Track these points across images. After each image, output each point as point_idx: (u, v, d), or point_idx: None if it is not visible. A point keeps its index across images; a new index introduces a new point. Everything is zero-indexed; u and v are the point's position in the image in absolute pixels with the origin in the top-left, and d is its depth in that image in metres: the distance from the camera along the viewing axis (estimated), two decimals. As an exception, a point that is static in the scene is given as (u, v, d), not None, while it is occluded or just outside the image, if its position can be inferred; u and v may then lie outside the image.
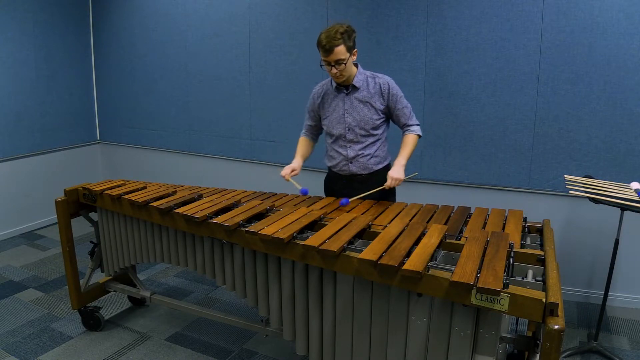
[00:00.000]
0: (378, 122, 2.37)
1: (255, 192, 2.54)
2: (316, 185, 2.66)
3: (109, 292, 2.88)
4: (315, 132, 2.61)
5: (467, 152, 3.18)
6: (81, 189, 2.61)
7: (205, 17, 3.97)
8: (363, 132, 2.37)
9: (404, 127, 2.41)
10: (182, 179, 4.23)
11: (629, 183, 2.41)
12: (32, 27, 4.12)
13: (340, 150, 2.43)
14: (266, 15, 3.69)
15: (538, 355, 1.36)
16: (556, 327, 1.24)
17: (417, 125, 2.41)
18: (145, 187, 2.58)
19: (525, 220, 2.02)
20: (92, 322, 2.73)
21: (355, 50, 2.28)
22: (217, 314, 2.48)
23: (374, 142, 2.40)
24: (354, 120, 2.36)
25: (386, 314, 1.60)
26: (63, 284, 3.28)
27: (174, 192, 2.48)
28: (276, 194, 2.51)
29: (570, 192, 2.30)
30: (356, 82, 2.34)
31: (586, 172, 2.84)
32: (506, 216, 2.03)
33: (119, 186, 2.59)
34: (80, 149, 4.77)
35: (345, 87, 2.36)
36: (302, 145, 2.59)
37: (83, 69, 4.67)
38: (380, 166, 2.45)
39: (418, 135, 2.39)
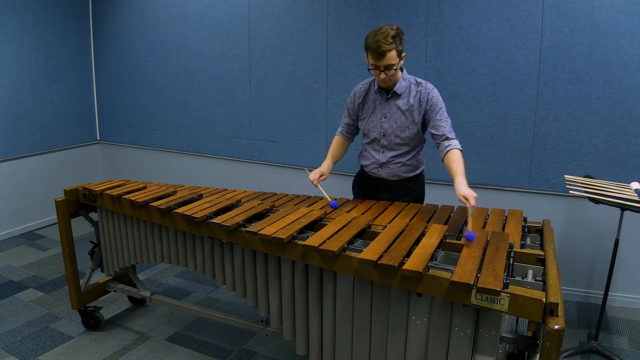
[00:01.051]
0: (414, 131, 2.27)
1: (255, 192, 2.54)
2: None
3: (109, 292, 2.88)
4: (352, 130, 2.48)
5: (467, 152, 3.16)
6: (81, 189, 2.61)
7: (205, 17, 3.97)
8: (398, 140, 2.29)
9: (443, 140, 2.17)
10: (182, 179, 4.23)
11: (629, 183, 2.41)
12: (32, 27, 4.12)
13: (373, 153, 2.36)
14: (266, 15, 3.69)
15: (538, 355, 1.36)
16: (556, 327, 1.24)
17: (457, 140, 2.18)
18: (145, 187, 2.58)
19: (525, 220, 2.02)
20: (92, 322, 2.73)
21: (404, 54, 2.17)
22: (217, 314, 2.48)
23: (408, 151, 2.32)
24: (390, 127, 2.28)
25: (386, 314, 1.60)
26: (63, 284, 3.28)
27: (174, 192, 2.48)
28: (276, 194, 2.51)
29: (570, 192, 2.30)
30: (398, 88, 2.23)
31: (586, 172, 2.84)
32: (506, 216, 2.04)
33: (119, 186, 2.59)
34: (80, 149, 4.77)
35: (387, 91, 2.26)
36: (336, 145, 2.47)
37: (83, 69, 4.67)
38: (411, 174, 2.37)
39: (461, 151, 2.16)
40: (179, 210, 2.14)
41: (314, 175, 2.31)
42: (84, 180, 3.99)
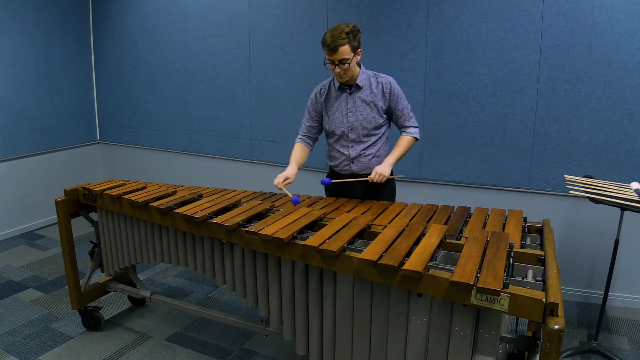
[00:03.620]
0: (380, 121, 2.37)
1: (255, 192, 2.54)
2: (314, 186, 2.65)
3: (109, 292, 2.88)
4: (313, 135, 2.54)
5: (467, 152, 3.18)
6: (81, 189, 2.61)
7: (205, 17, 3.97)
8: (365, 132, 2.37)
9: (401, 128, 2.42)
10: (182, 179, 4.23)
11: (629, 183, 2.41)
12: (32, 27, 4.12)
13: (342, 149, 2.43)
14: (266, 15, 3.69)
15: (538, 355, 1.36)
16: (556, 327, 1.24)
17: (415, 127, 2.42)
18: (145, 187, 2.58)
19: (525, 220, 2.02)
20: (92, 322, 2.74)
21: (360, 50, 2.28)
22: (217, 314, 2.48)
23: (375, 142, 2.40)
24: (357, 120, 2.36)
25: (386, 314, 1.60)
26: (63, 284, 3.28)
27: (174, 192, 2.48)
28: (276, 194, 2.51)
29: (570, 192, 2.30)
30: (359, 81, 2.34)
31: (586, 172, 2.84)
32: (506, 216, 2.03)
33: (119, 186, 2.59)
34: (80, 149, 4.77)
35: (349, 86, 2.36)
36: (297, 151, 2.51)
37: (83, 69, 4.67)
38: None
39: (414, 137, 2.40)
40: (179, 210, 2.14)
41: (278, 179, 2.32)
42: (84, 180, 3.99)
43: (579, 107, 2.86)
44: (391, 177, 2.34)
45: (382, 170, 2.28)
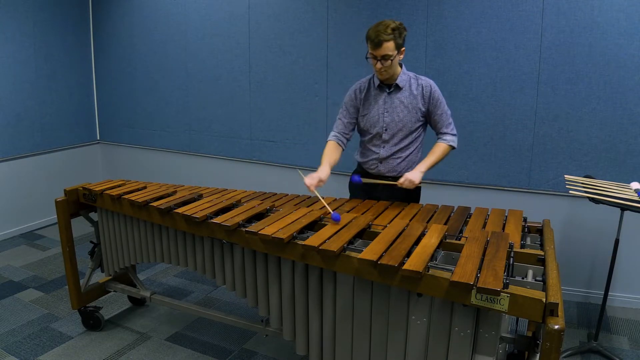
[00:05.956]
0: (416, 125, 2.32)
1: (255, 192, 2.54)
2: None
3: (109, 292, 2.88)
4: (348, 132, 2.45)
5: (467, 152, 3.18)
6: (81, 189, 2.61)
7: (205, 17, 3.97)
8: (400, 134, 2.33)
9: (438, 134, 2.36)
10: (182, 179, 4.23)
11: (629, 183, 2.41)
12: (32, 27, 4.12)
13: (373, 148, 2.39)
14: (266, 15, 3.69)
15: (538, 355, 1.36)
16: (556, 327, 1.24)
17: (453, 135, 2.35)
18: (145, 187, 2.58)
19: (525, 220, 2.02)
20: (92, 322, 2.74)
21: (404, 49, 2.24)
22: (217, 314, 2.48)
23: (408, 146, 2.35)
24: (392, 120, 2.31)
25: (386, 314, 1.61)
26: (63, 284, 3.28)
27: (174, 192, 2.48)
28: (276, 194, 2.51)
29: (570, 192, 2.30)
30: (400, 81, 2.29)
31: (586, 172, 2.84)
32: (506, 216, 2.03)
33: (119, 186, 2.59)
34: (80, 149, 4.77)
35: (388, 86, 2.32)
36: (330, 150, 2.38)
37: (83, 69, 4.67)
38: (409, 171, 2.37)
39: (451, 146, 2.33)
40: (179, 210, 2.14)
41: (311, 180, 2.17)
42: (84, 180, 3.99)
43: (579, 107, 2.86)
44: (420, 184, 2.27)
45: (412, 177, 2.20)
